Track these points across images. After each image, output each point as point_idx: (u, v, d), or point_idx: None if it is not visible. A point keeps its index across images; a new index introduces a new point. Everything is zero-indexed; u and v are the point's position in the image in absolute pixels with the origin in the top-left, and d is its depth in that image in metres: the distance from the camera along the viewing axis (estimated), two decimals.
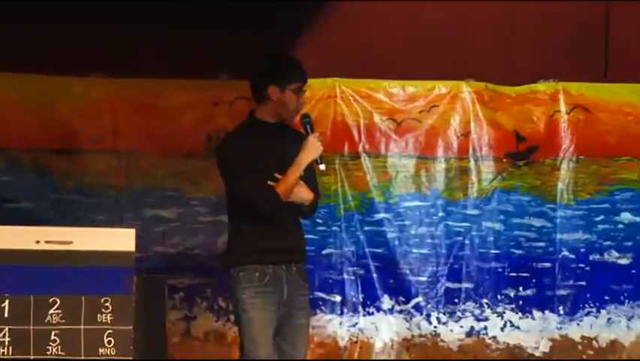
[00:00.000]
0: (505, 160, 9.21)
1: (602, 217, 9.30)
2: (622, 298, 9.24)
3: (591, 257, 9.22)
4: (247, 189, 7.54)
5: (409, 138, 9.24)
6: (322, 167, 7.57)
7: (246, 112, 7.67)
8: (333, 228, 9.09)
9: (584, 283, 9.21)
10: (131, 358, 7.44)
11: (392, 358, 9.23)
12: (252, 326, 7.52)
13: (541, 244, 9.20)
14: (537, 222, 9.22)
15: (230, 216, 7.61)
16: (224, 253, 7.63)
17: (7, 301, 7.38)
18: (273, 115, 7.52)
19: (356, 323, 9.04)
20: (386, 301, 9.13)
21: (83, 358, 7.38)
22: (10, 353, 7.41)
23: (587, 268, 9.21)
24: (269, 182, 7.45)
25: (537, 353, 9.18)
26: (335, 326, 9.03)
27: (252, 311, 7.48)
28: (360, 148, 9.20)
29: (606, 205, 9.29)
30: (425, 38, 9.83)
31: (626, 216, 9.31)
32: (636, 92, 9.53)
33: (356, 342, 9.12)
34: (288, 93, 7.56)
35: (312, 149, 7.49)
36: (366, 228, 9.10)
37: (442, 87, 9.42)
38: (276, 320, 7.50)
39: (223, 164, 7.58)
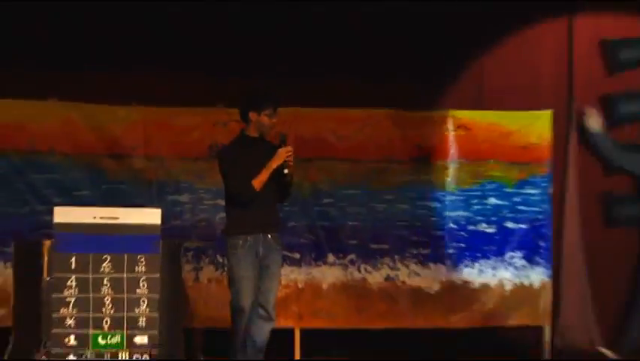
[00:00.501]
0: (410, 162, 9.57)
1: (475, 201, 9.64)
2: (488, 255, 9.57)
3: (468, 227, 9.62)
4: (233, 184, 8.23)
5: (347, 147, 9.52)
6: (285, 171, 8.17)
7: (237, 130, 8.44)
8: (294, 208, 9.37)
9: (463, 245, 9.60)
10: (157, 295, 7.94)
11: (333, 297, 9.41)
12: (237, 281, 8.24)
13: (435, 218, 9.56)
14: (432, 204, 9.58)
15: (225, 200, 8.29)
16: (225, 226, 8.33)
17: (73, 257, 7.90)
18: (255, 132, 8.31)
19: (310, 272, 9.42)
20: (330, 257, 9.46)
21: (126, 295, 7.96)
22: (76, 293, 7.91)
23: (465, 235, 9.60)
24: (251, 178, 8.17)
25: (431, 292, 9.45)
26: (296, 274, 9.36)
27: (239, 271, 8.20)
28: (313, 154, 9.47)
29: (478, 193, 9.64)
30: None
31: (492, 201, 9.63)
32: (501, 116, 9.73)
33: (308, 285, 9.40)
34: (262, 117, 8.32)
35: (279, 157, 8.14)
36: (316, 208, 9.45)
37: (370, 113, 9.64)
38: (256, 273, 8.20)
39: (220, 166, 8.30)
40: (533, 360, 9.55)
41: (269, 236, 8.24)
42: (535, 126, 9.78)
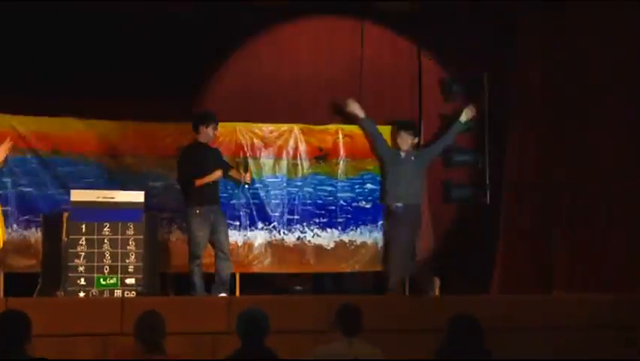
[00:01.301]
0: (313, 160, 9.45)
1: (357, 186, 9.48)
2: (366, 222, 9.43)
3: (353, 204, 9.48)
4: (183, 178, 8.49)
5: (270, 150, 9.35)
6: (248, 176, 8.66)
7: (193, 138, 8.56)
8: (236, 191, 9.14)
9: (350, 216, 9.46)
10: (142, 250, 8.16)
11: (262, 252, 9.25)
12: (195, 236, 8.42)
13: (330, 198, 9.42)
14: (328, 188, 9.42)
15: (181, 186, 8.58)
16: (184, 202, 8.54)
17: (83, 225, 8.12)
18: (204, 140, 8.32)
19: (245, 235, 9.23)
20: (259, 224, 9.28)
21: (120, 250, 8.16)
22: (85, 249, 8.09)
23: (351, 209, 9.47)
24: (195, 175, 8.41)
25: (328, 248, 9.34)
26: (236, 237, 9.13)
27: (196, 231, 8.40)
28: (248, 154, 9.25)
29: (360, 180, 9.48)
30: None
31: (368, 186, 9.47)
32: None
33: (245, 243, 9.20)
34: (209, 129, 8.50)
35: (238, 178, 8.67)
36: (250, 191, 9.19)
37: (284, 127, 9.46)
38: (209, 231, 8.40)
39: (178, 162, 8.54)
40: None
41: (215, 207, 8.49)
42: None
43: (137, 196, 8.37)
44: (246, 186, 8.70)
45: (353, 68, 9.75)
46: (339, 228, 9.49)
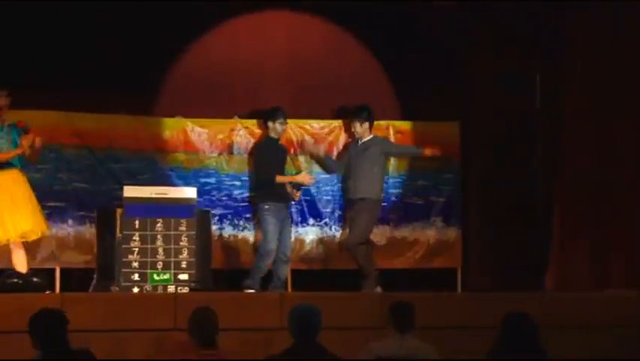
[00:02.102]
0: None
1: (409, 182, 9.42)
2: (418, 218, 9.39)
3: (405, 200, 9.43)
4: (263, 174, 8.62)
5: (321, 146, 9.23)
6: (298, 194, 8.72)
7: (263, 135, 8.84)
8: None
9: (401, 212, 9.40)
10: (194, 246, 8.23)
11: (313, 248, 9.23)
12: (267, 231, 8.45)
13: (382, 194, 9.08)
14: None
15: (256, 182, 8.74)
16: (255, 197, 8.73)
17: (137, 220, 8.21)
18: (275, 135, 8.61)
19: (297, 231, 9.11)
20: (311, 221, 9.22)
21: (173, 246, 8.23)
22: (139, 244, 8.17)
23: (402, 205, 9.40)
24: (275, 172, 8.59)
25: (379, 245, 9.20)
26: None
27: (269, 225, 8.45)
28: (298, 151, 9.21)
29: (412, 176, 9.43)
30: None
31: (420, 182, 9.43)
32: (416, 125, 9.46)
33: (296, 240, 9.10)
34: (276, 124, 8.61)
35: (303, 179, 8.70)
36: (303, 188, 8.89)
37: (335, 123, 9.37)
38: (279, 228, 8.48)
39: (255, 158, 8.84)
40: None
41: (284, 205, 8.55)
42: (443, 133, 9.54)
43: (190, 192, 8.48)
44: (293, 202, 8.77)
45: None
46: (391, 224, 9.45)
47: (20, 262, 7.72)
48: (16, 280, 7.62)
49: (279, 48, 9.50)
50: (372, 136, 8.94)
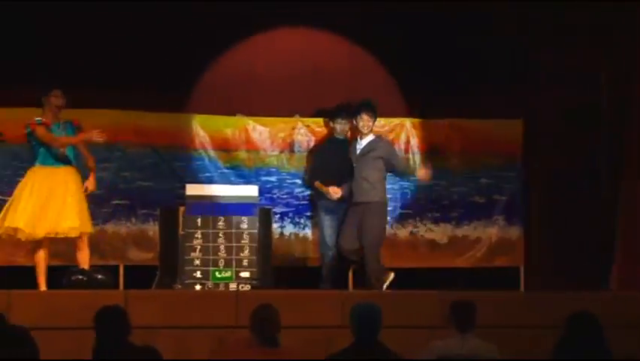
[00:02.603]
0: (425, 154, 9.30)
1: (471, 180, 9.37)
2: (480, 217, 9.34)
3: (468, 198, 9.38)
4: (312, 174, 8.68)
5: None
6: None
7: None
8: None
9: (463, 210, 9.34)
10: (256, 244, 8.29)
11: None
12: (323, 229, 8.47)
13: (444, 192, 9.30)
14: (442, 182, 9.29)
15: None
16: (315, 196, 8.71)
17: (199, 218, 8.26)
18: (338, 134, 8.59)
19: None
20: None
21: (234, 244, 8.25)
22: (201, 242, 8.21)
23: (465, 203, 9.34)
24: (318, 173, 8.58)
25: (441, 243, 9.27)
26: None
27: (324, 222, 8.47)
28: None
29: (474, 174, 9.38)
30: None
31: (483, 180, 9.40)
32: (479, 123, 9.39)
33: None
34: (336, 124, 8.59)
35: (332, 191, 8.44)
36: None
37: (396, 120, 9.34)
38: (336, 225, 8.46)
39: (311, 158, 8.88)
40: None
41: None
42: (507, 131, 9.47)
43: (251, 190, 8.52)
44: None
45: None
46: (453, 223, 9.40)
47: (84, 260, 7.81)
48: (80, 276, 7.71)
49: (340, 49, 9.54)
50: (375, 136, 8.67)
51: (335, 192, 8.43)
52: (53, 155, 7.75)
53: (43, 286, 7.66)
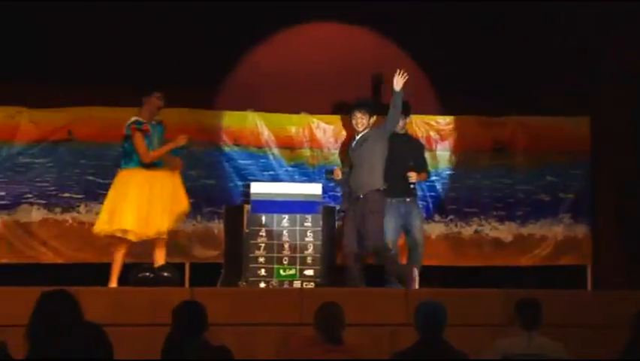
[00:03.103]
0: (491, 152, 9.29)
1: (537, 178, 9.31)
2: (546, 215, 9.23)
3: (533, 197, 9.31)
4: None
5: (446, 142, 9.26)
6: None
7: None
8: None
9: (529, 209, 9.28)
10: (319, 242, 8.29)
11: (439, 244, 9.09)
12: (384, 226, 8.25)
13: (509, 191, 9.29)
14: (507, 180, 9.28)
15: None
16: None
17: (263, 216, 8.32)
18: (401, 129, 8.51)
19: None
20: (436, 217, 9.17)
21: (298, 242, 8.29)
22: (265, 240, 8.26)
23: (530, 202, 9.29)
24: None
25: (506, 241, 9.22)
26: None
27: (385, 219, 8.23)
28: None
29: (540, 172, 9.32)
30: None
31: (548, 178, 9.31)
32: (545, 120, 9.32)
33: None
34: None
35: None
36: (426, 183, 9.02)
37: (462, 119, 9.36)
38: (400, 223, 8.34)
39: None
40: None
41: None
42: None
43: (315, 188, 8.52)
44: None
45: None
46: (518, 221, 9.34)
47: (162, 258, 7.93)
48: (147, 274, 7.82)
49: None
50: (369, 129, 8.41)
51: (337, 174, 8.47)
52: None
53: (114, 283, 7.75)
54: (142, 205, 7.69)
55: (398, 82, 8.12)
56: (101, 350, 4.66)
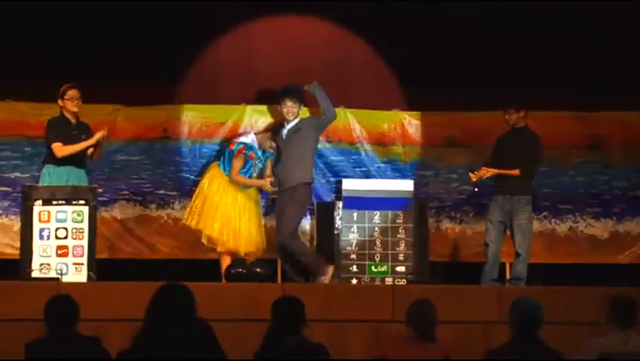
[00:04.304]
0: (585, 148, 9.17)
1: (634, 174, 9.18)
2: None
3: (629, 193, 9.17)
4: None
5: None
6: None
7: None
8: None
9: (625, 205, 9.14)
10: (411, 239, 8.27)
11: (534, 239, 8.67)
12: (487, 222, 8.20)
13: (605, 187, 9.15)
14: (603, 177, 9.14)
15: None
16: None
17: (355, 213, 8.27)
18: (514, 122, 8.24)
19: None
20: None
21: (390, 238, 8.30)
22: (357, 237, 8.25)
23: (626, 198, 9.16)
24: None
25: (601, 239, 9.09)
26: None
27: (488, 216, 8.21)
28: None
29: (637, 168, 9.19)
30: None
31: None
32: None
33: None
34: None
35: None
36: None
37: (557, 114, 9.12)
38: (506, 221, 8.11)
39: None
40: None
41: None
42: None
43: (407, 185, 8.50)
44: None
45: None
46: (615, 218, 9.21)
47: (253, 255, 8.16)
48: (240, 270, 7.88)
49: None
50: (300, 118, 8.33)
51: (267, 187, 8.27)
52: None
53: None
54: (236, 220, 8.03)
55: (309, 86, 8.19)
56: (215, 352, 4.77)
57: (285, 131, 8.24)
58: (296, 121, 8.23)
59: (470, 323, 7.02)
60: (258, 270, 7.87)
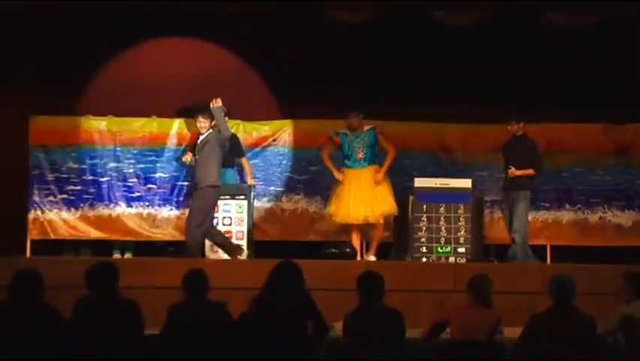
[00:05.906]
0: (614, 153, 8.91)
1: None
2: None
3: None
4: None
5: (579, 145, 8.91)
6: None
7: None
8: (545, 179, 8.74)
9: None
10: (470, 226, 8.16)
11: (568, 228, 8.77)
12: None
13: (629, 185, 8.88)
14: (627, 176, 8.86)
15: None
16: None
17: (424, 205, 8.17)
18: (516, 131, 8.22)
19: (554, 214, 8.85)
20: (566, 206, 8.85)
21: (453, 225, 8.17)
22: (426, 224, 8.17)
23: None
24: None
25: (626, 227, 8.80)
26: (546, 215, 8.84)
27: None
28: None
29: None
30: None
31: None
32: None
33: (554, 221, 8.83)
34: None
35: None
36: (559, 178, 8.90)
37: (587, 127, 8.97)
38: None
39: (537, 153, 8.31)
40: None
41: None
42: None
43: (466, 183, 8.42)
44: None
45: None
46: (637, 210, 8.96)
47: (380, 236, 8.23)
48: (332, 250, 7.95)
49: None
50: (209, 132, 8.02)
51: (186, 158, 8.12)
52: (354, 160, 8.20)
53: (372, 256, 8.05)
54: (356, 197, 8.04)
55: (214, 103, 7.84)
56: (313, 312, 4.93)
57: (199, 142, 8.07)
58: (206, 134, 8.03)
59: (518, 294, 6.98)
60: (347, 250, 7.93)
